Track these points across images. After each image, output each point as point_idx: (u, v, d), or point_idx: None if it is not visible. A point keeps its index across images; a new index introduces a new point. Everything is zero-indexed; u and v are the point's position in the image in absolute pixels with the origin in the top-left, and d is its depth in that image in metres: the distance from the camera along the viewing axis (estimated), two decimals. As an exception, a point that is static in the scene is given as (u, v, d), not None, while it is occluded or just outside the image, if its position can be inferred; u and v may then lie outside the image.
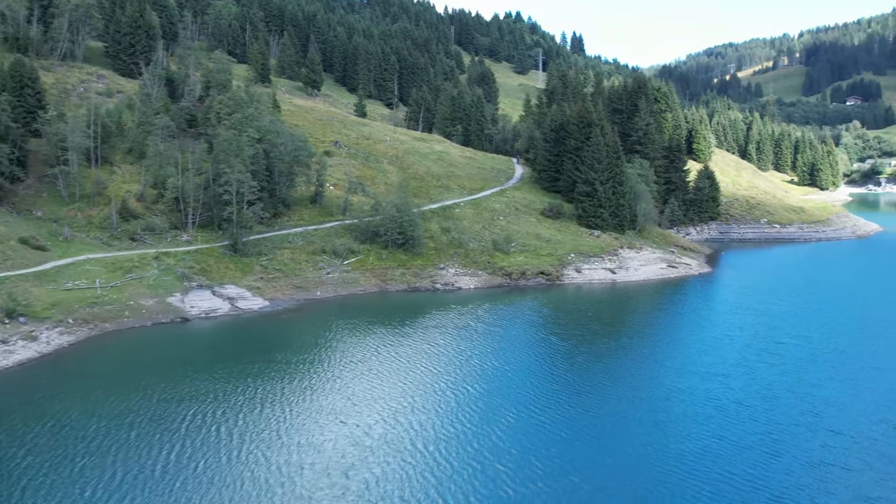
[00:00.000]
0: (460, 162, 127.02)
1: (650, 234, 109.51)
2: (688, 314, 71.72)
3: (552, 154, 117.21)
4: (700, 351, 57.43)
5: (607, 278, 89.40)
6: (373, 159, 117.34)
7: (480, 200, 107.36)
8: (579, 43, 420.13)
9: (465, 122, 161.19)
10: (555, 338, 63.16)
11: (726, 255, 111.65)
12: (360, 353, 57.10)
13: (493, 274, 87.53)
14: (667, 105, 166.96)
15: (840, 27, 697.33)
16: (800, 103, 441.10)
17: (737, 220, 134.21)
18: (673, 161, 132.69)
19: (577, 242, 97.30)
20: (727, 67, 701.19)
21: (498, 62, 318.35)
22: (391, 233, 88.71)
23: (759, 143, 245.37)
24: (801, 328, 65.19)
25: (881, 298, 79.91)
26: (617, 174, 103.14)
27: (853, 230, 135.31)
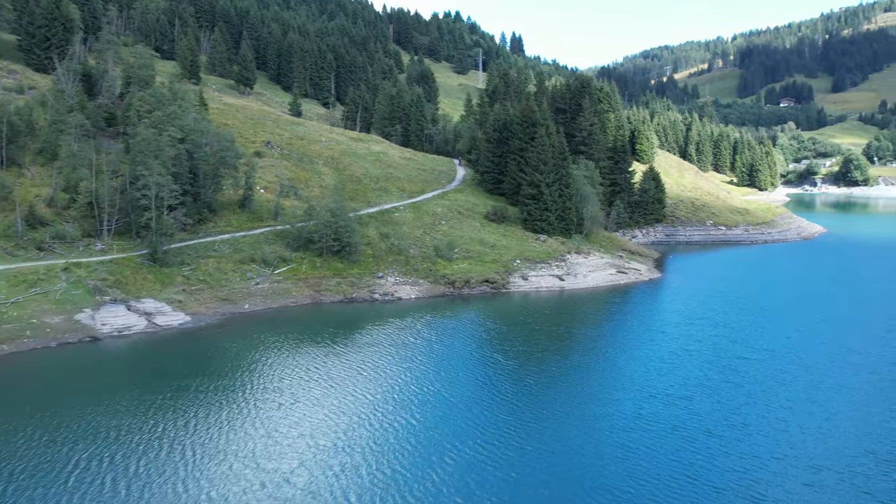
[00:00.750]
0: (400, 163, 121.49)
1: (597, 238, 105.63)
2: (642, 326, 67.21)
3: (495, 155, 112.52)
4: (660, 370, 52.89)
5: (555, 286, 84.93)
6: (307, 160, 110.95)
7: (421, 204, 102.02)
8: (519, 43, 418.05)
9: (405, 121, 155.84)
10: (500, 356, 57.74)
11: (674, 259, 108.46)
12: (286, 377, 51.04)
13: (436, 282, 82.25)
14: (609, 105, 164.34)
15: (772, 31, 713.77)
16: (735, 105, 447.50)
17: (682, 222, 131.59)
18: (618, 162, 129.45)
19: (523, 248, 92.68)
20: (664, 69, 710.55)
21: (437, 62, 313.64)
22: (326, 239, 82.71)
23: (698, 144, 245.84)
24: (762, 340, 61.39)
25: (838, 305, 77.05)
26: (563, 176, 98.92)
27: (798, 232, 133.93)
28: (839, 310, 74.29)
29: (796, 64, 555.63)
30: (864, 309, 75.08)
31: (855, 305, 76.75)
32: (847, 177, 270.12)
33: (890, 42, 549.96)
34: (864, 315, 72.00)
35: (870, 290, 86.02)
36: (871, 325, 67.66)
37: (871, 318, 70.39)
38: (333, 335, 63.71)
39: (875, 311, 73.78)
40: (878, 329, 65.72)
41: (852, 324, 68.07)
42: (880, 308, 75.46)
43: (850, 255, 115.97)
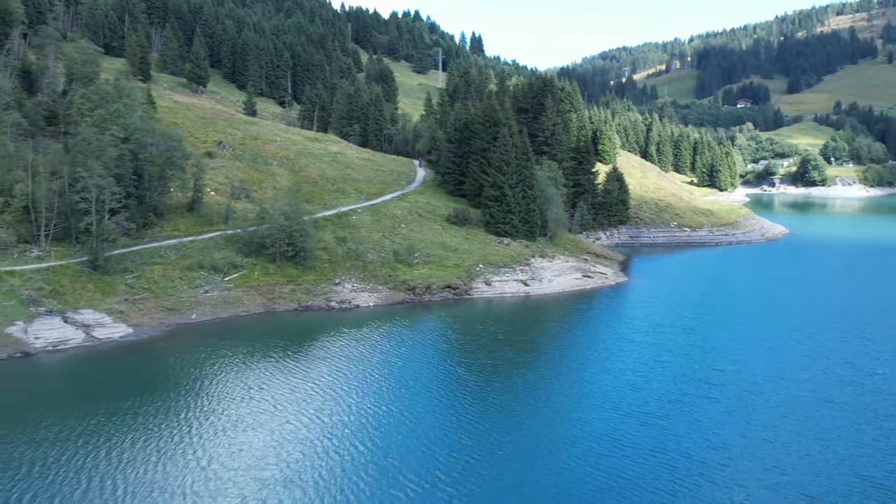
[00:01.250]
0: (358, 164, 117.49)
1: (562, 241, 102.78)
2: (612, 335, 64.07)
3: (456, 156, 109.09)
4: (633, 384, 49.76)
5: (520, 291, 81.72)
6: (261, 161, 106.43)
7: (380, 206, 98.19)
8: (479, 43, 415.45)
9: (363, 121, 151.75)
10: (463, 370, 53.92)
11: (639, 262, 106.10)
12: (230, 397, 46.90)
13: (395, 289, 78.55)
14: (571, 105, 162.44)
15: (728, 32, 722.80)
16: (694, 105, 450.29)
17: (647, 223, 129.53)
18: (581, 163, 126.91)
19: (486, 251, 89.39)
20: (622, 70, 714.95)
21: (397, 61, 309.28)
22: (279, 244, 78.50)
23: (658, 145, 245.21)
24: (736, 349, 58.77)
25: (810, 310, 74.97)
26: (527, 177, 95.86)
27: (762, 233, 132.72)
28: (812, 315, 72.19)
29: (752, 65, 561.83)
30: (837, 313, 73.06)
31: (827, 310, 74.73)
32: (805, 177, 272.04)
33: (842, 44, 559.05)
34: (838, 320, 69.93)
35: (840, 294, 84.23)
36: (846, 331, 65.51)
37: (845, 324, 68.30)
38: (285, 348, 59.68)
39: (849, 316, 71.75)
40: (854, 335, 63.60)
41: (826, 330, 65.91)
42: (853, 313, 73.49)
43: (815, 257, 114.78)
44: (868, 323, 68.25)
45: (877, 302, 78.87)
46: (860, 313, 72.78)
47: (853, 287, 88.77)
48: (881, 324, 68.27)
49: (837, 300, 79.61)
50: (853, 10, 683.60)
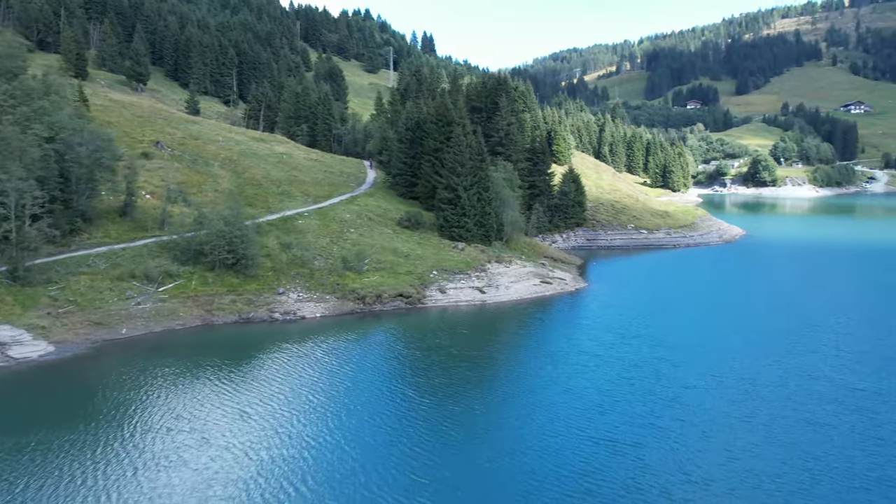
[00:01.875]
0: (305, 165, 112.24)
1: (518, 245, 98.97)
2: (574, 349, 59.77)
3: (408, 156, 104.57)
4: (599, 406, 45.59)
5: (476, 299, 77.52)
6: (201, 162, 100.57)
7: (328, 209, 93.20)
8: (430, 43, 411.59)
9: (311, 121, 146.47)
10: (414, 392, 49.09)
11: (598, 266, 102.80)
12: (153, 430, 41.61)
13: (344, 298, 73.73)
14: (525, 105, 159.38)
15: (676, 34, 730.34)
16: (645, 106, 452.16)
17: (603, 225, 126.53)
18: (537, 163, 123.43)
19: (440, 257, 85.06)
20: (573, 72, 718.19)
21: (347, 60, 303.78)
22: (218, 251, 73.05)
23: (611, 145, 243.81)
24: (706, 362, 55.19)
25: (777, 317, 72.06)
26: (482, 178, 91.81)
27: (720, 235, 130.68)
28: (782, 323, 69.13)
29: (701, 67, 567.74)
30: (807, 321, 70.28)
31: (797, 318, 71.92)
32: (756, 177, 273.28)
33: (788, 47, 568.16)
34: (810, 329, 67.10)
35: (808, 301, 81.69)
36: (820, 341, 62.61)
37: (818, 334, 65.48)
38: (221, 366, 54.47)
39: (821, 325, 68.99)
40: (829, 346, 60.68)
41: (800, 339, 62.82)
42: (824, 321, 70.79)
43: (775, 260, 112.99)
44: (840, 332, 65.46)
45: (846, 309, 76.46)
46: (831, 322, 70.01)
47: (819, 293, 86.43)
48: (854, 333, 65.54)
49: (806, 307, 76.87)
50: (797, 14, 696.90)
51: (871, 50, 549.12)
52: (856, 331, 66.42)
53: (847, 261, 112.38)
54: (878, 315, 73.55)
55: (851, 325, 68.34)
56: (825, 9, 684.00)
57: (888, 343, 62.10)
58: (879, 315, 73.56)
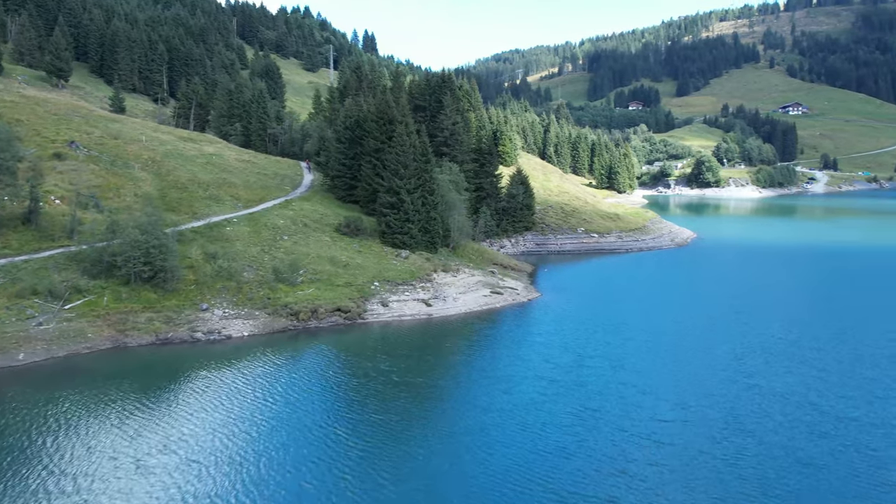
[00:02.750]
0: (236, 167, 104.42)
1: (466, 252, 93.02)
2: (528, 373, 53.23)
3: (347, 157, 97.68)
4: (563, 449, 39.01)
5: (421, 312, 71.03)
6: (121, 164, 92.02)
7: (260, 215, 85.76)
8: (372, 42, 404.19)
9: (245, 120, 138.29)
10: (346, 430, 42.01)
11: (549, 273, 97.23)
12: (34, 487, 34.43)
13: (275, 314, 66.56)
14: (470, 104, 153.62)
15: (617, 36, 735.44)
16: (587, 107, 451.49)
17: (553, 229, 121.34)
18: (483, 165, 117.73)
19: (382, 266, 78.46)
20: (516, 73, 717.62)
21: (286, 58, 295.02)
22: (133, 263, 65.28)
23: (557, 146, 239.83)
24: (676, 388, 49.60)
25: (746, 331, 67.30)
26: (427, 181, 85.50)
27: (671, 238, 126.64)
28: (751, 336, 64.31)
29: (642, 68, 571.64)
30: (777, 334, 65.65)
31: (765, 328, 67.29)
32: (699, 178, 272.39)
33: (727, 49, 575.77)
34: (783, 343, 62.42)
35: (774, 310, 77.36)
36: (795, 358, 57.77)
37: (791, 348, 60.80)
38: (128, 399, 47.04)
39: (792, 338, 64.41)
40: (806, 364, 55.84)
41: (773, 357, 57.90)
42: (794, 332, 66.28)
43: (729, 263, 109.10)
44: (815, 348, 60.87)
45: (815, 320, 72.28)
46: (802, 335, 65.54)
47: (782, 300, 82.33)
48: (829, 349, 61.00)
49: (773, 318, 72.39)
50: (735, 17, 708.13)
51: (806, 53, 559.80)
52: (830, 345, 61.91)
53: (800, 264, 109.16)
54: (848, 326, 69.38)
55: (824, 339, 63.85)
56: (762, 12, 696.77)
57: (868, 363, 57.62)
58: (850, 326, 69.42)
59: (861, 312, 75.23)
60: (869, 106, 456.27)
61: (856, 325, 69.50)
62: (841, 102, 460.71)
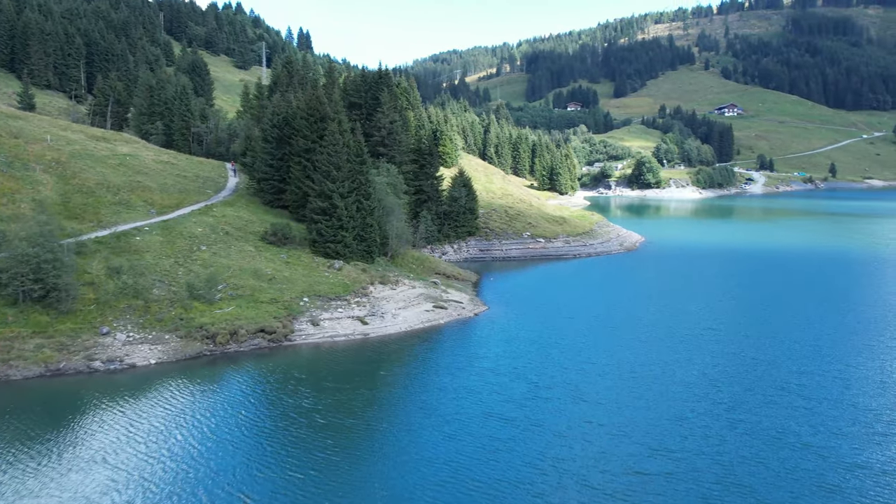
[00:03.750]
0: (153, 169, 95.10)
1: (406, 261, 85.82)
2: (479, 411, 45.38)
3: (275, 158, 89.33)
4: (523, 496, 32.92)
5: (356, 332, 63.43)
6: (19, 166, 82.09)
7: (175, 222, 76.92)
8: (307, 39, 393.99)
9: (168, 118, 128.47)
10: (258, 496, 35.20)
11: (495, 282, 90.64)
12: None
13: (189, 337, 58.22)
14: (408, 102, 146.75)
15: (555, 38, 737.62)
16: (526, 108, 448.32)
17: (498, 234, 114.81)
18: (423, 166, 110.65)
19: (313, 280, 70.59)
20: (454, 73, 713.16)
21: (216, 55, 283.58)
22: (21, 280, 56.41)
23: (497, 147, 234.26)
24: (646, 426, 43.05)
25: (716, 348, 61.60)
26: (362, 184, 77.84)
27: (620, 242, 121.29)
28: (723, 359, 58.52)
29: (580, 70, 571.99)
30: (749, 354, 60.07)
31: (732, 346, 61.71)
32: (640, 179, 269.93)
33: (662, 51, 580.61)
34: (757, 366, 56.75)
35: (741, 321, 72.10)
36: (775, 384, 52.03)
37: (766, 373, 55.13)
38: (-4, 454, 38.61)
39: (769, 359, 58.86)
40: (791, 396, 50.05)
41: (753, 383, 52.06)
42: (771, 351, 60.80)
43: (681, 269, 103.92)
44: (797, 371, 55.31)
45: (789, 334, 67.08)
46: (779, 354, 60.10)
47: (749, 311, 77.20)
48: (813, 371, 55.56)
49: (743, 332, 66.95)
50: (670, 20, 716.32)
51: (739, 55, 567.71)
52: (813, 366, 56.51)
53: (755, 269, 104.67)
54: (824, 344, 64.38)
55: (805, 358, 58.49)
56: (695, 15, 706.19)
57: (847, 385, 52.33)
58: (828, 340, 64.44)
59: (838, 323, 70.43)
60: (801, 108, 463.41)
61: (836, 340, 64.50)
62: (774, 104, 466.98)
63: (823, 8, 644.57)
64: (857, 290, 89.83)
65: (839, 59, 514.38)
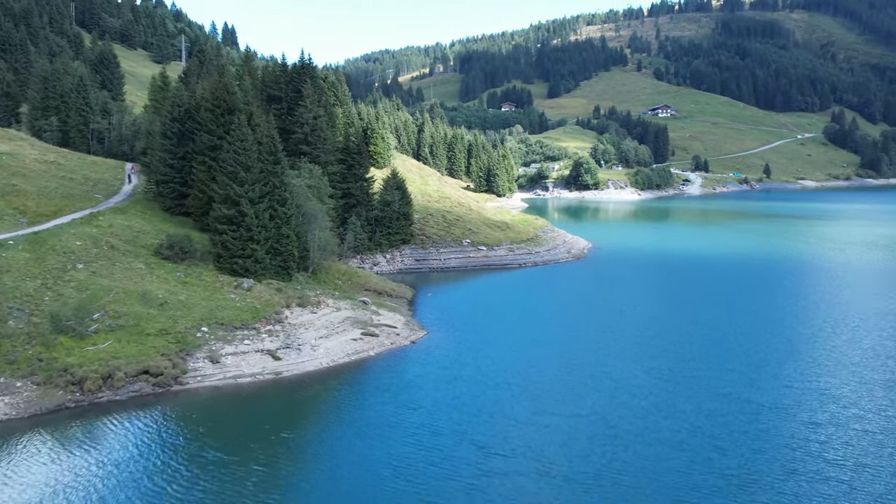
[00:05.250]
0: (34, 170, 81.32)
1: (330, 276, 74.22)
2: (418, 487, 35.46)
3: (175, 157, 76.50)
4: None
5: (266, 369, 51.53)
6: None
7: (50, 234, 63.68)
8: (232, 35, 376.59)
9: (64, 112, 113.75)
10: None
11: (433, 299, 79.67)
12: None
13: (49, 384, 45.57)
14: (336, 98, 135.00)
15: (488, 38, 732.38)
16: (460, 108, 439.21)
17: (435, 242, 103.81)
18: (352, 166, 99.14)
19: (216, 304, 58.46)
20: (386, 73, 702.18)
21: (132, 49, 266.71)
22: None
23: (432, 147, 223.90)
24: (630, 486, 33.14)
25: (691, 384, 51.89)
26: (276, 187, 65.83)
27: (567, 249, 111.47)
28: (710, 403, 48.76)
29: (514, 70, 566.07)
30: (742, 394, 50.52)
31: (720, 381, 52.08)
32: (578, 181, 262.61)
33: (595, 52, 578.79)
34: (743, 407, 47.22)
35: (718, 346, 62.77)
36: (793, 451, 42.47)
37: (773, 424, 45.59)
38: None
39: (752, 395, 49.39)
40: (779, 437, 40.68)
41: (762, 442, 42.37)
42: (745, 387, 51.40)
43: (636, 279, 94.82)
44: (785, 420, 45.99)
45: (778, 364, 58.01)
46: (756, 390, 50.80)
47: (725, 334, 68.04)
48: (800, 418, 46.31)
49: (726, 362, 57.53)
50: (602, 21, 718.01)
51: (671, 57, 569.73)
52: (803, 402, 47.33)
53: (715, 278, 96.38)
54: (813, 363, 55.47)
55: (806, 398, 49.30)
56: (627, 17, 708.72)
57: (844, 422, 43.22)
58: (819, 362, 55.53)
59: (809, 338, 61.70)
60: (733, 109, 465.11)
61: (821, 362, 55.59)
62: (707, 105, 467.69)
63: (751, 11, 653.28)
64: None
65: (768, 62, 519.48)
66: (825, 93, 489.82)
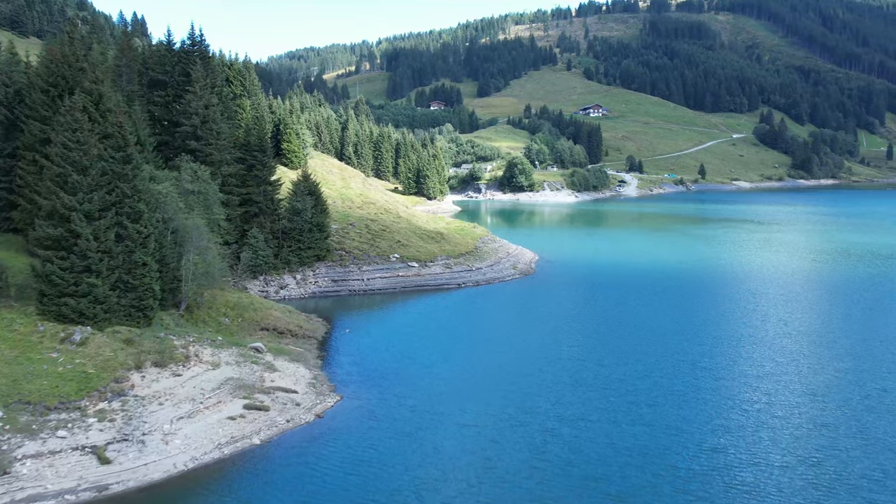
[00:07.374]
0: None
1: (213, 312, 55.94)
2: None
3: (2, 154, 57.00)
4: None
5: (86, 482, 33.10)
6: None
7: None
8: (142, 26, 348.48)
9: None
10: None
11: (351, 338, 61.92)
12: None
13: None
14: (244, 88, 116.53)
15: (416, 36, 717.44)
16: (388, 106, 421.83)
17: (357, 258, 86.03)
18: (254, 167, 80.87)
19: (24, 370, 39.62)
20: (311, 70, 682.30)
21: (24, 37, 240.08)
22: None
23: (356, 146, 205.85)
24: None
25: (678, 444, 35.93)
26: (127, 196, 47.09)
27: (513, 264, 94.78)
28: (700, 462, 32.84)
29: (442, 68, 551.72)
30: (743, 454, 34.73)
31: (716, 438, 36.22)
32: (512, 182, 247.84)
33: (525, 51, 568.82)
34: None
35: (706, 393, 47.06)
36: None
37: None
38: None
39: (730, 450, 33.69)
40: None
41: None
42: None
43: (601, 303, 78.82)
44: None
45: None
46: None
47: (711, 375, 52.52)
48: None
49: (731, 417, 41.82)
50: (530, 21, 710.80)
51: (600, 56, 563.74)
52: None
53: (684, 296, 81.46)
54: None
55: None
56: (555, 17, 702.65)
57: None
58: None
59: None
60: (663, 109, 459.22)
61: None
62: (638, 105, 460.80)
63: (678, 13, 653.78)
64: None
65: (696, 62, 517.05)
66: (753, 94, 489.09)
